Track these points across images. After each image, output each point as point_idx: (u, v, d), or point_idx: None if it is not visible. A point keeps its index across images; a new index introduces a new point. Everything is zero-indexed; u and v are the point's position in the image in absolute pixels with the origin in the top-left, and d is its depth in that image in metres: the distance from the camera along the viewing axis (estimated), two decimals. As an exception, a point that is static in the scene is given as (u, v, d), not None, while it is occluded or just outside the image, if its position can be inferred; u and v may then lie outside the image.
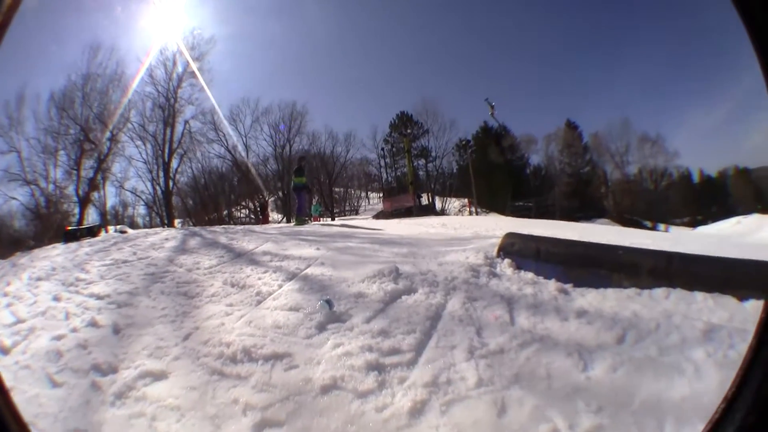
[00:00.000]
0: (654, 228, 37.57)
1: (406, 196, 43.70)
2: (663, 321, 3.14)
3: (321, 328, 3.47)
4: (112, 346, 3.57)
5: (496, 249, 5.01)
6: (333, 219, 39.97)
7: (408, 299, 3.76)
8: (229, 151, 47.86)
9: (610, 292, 3.81)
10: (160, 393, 2.85)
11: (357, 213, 54.26)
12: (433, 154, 54.48)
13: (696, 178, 50.16)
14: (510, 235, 4.79)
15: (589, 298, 3.78)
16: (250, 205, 49.50)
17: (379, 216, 40.10)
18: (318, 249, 6.38)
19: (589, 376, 2.59)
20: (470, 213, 43.87)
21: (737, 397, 1.05)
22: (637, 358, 2.71)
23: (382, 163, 58.86)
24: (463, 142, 54.19)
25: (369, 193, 60.18)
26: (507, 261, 4.64)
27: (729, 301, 3.46)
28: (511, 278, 4.28)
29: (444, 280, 4.13)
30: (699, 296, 3.57)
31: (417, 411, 2.43)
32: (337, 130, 55.33)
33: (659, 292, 3.71)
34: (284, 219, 41.61)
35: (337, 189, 55.90)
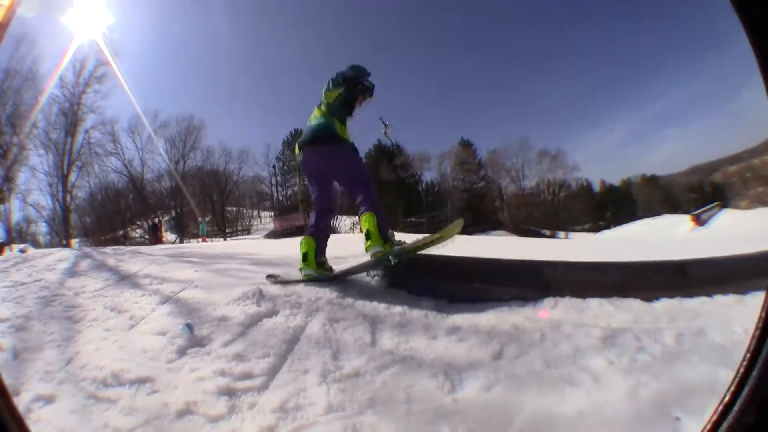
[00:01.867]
0: (553, 236, 39.15)
1: (297, 215, 43.34)
2: (549, 332, 3.03)
3: (181, 352, 3.33)
4: (13, 370, 3.36)
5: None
6: (225, 239, 38.66)
7: (268, 322, 3.64)
8: (125, 166, 46.80)
9: (488, 306, 3.70)
10: (50, 416, 2.70)
11: (249, 233, 53.39)
12: (326, 172, 54.69)
13: (597, 187, 53.25)
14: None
15: (464, 314, 3.64)
16: (144, 224, 47.99)
17: (270, 236, 40.13)
18: (196, 271, 6.34)
19: (457, 398, 2.39)
20: (361, 231, 43.95)
21: (736, 397, 1.01)
22: (517, 373, 2.54)
23: (274, 181, 58.69)
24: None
25: (261, 212, 59.09)
26: (378, 279, 4.55)
27: (633, 303, 3.45)
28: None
29: (308, 301, 4.01)
30: (593, 302, 3.52)
31: (264, 437, 2.27)
32: (232, 146, 54.38)
33: (544, 302, 3.65)
34: (178, 239, 39.98)
35: (229, 208, 54.60)
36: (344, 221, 48.77)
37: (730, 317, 3.05)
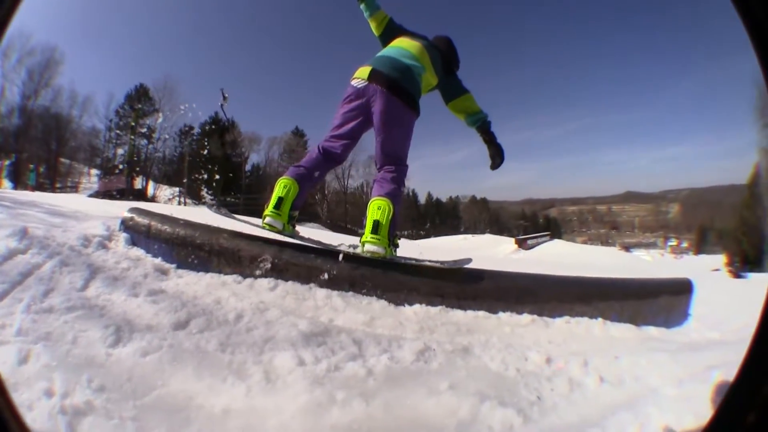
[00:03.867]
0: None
1: (121, 178, 40.63)
2: (252, 314, 2.95)
3: None
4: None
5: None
6: (53, 192, 35.29)
7: (20, 257, 3.46)
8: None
9: (207, 277, 3.67)
10: None
11: (77, 190, 48.62)
12: (157, 135, 51.45)
13: (423, 199, 55.41)
14: (131, 210, 4.49)
15: (184, 280, 3.61)
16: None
17: (94, 196, 36.59)
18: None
19: (112, 352, 2.34)
20: (179, 203, 41.92)
21: (736, 396, 1.04)
22: (185, 348, 2.45)
23: (108, 136, 54.53)
24: (187, 129, 52.37)
25: (91, 169, 54.84)
26: (125, 236, 4.37)
27: (377, 304, 3.53)
28: (117, 252, 4.02)
29: (56, 245, 3.79)
30: (321, 293, 3.53)
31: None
32: (79, 90, 49.30)
33: (264, 282, 3.62)
34: (12, 186, 35.50)
35: (65, 160, 49.67)
36: (165, 191, 46.51)
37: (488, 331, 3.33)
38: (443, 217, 51.14)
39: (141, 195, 40.89)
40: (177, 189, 48.03)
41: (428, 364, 2.69)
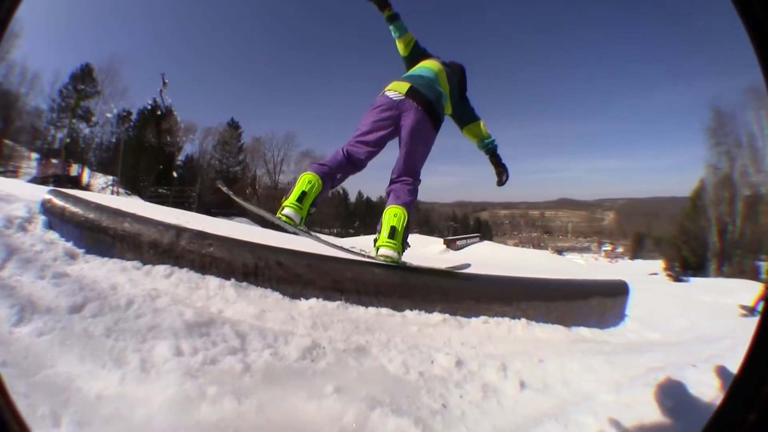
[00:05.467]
0: (297, 234, 39.75)
1: (59, 163, 39.13)
2: (143, 301, 2.76)
3: None
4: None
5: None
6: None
7: None
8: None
9: (111, 262, 3.52)
10: None
11: (17, 175, 46.00)
12: (96, 119, 49.74)
13: (353, 198, 55.65)
14: (50, 192, 4.33)
15: (89, 264, 3.45)
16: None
17: (33, 181, 35.56)
18: None
19: (15, 331, 2.23)
20: (113, 193, 40.66)
21: (736, 395, 1.02)
22: (75, 332, 2.29)
23: (51, 118, 51.48)
24: (125, 114, 50.85)
25: (31, 153, 51.40)
26: (43, 218, 4.19)
27: (272, 295, 3.35)
28: (35, 234, 3.86)
29: None
30: (214, 282, 3.34)
31: None
32: (30, 65, 47.00)
33: (161, 269, 3.44)
34: None
35: (9, 142, 47.47)
36: (99, 180, 45.13)
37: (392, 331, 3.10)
38: (373, 217, 51.58)
39: (76, 183, 39.42)
40: (111, 178, 46.42)
41: (315, 363, 2.44)
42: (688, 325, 6.79)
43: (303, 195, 3.79)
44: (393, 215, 3.89)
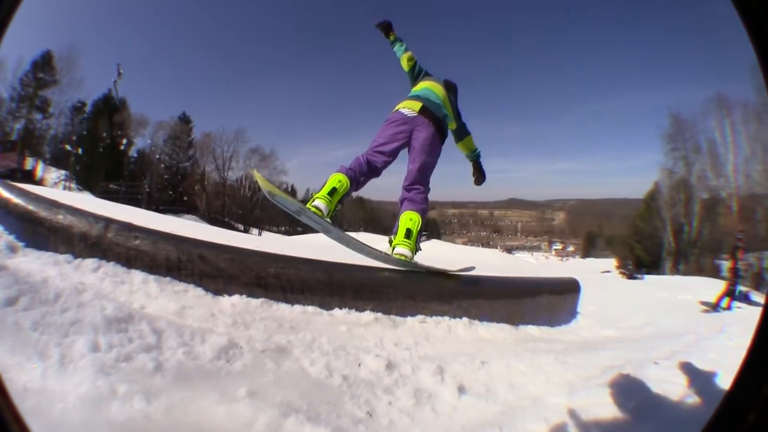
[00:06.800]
0: (246, 231, 39.12)
1: (13, 156, 38.03)
2: (69, 295, 2.66)
3: None
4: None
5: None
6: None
7: None
8: None
9: (46, 256, 3.46)
10: None
11: None
12: (52, 110, 48.21)
13: (302, 195, 55.32)
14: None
15: (27, 258, 3.43)
16: None
17: None
18: None
19: None
20: (65, 188, 39.65)
21: (737, 394, 0.99)
22: (8, 323, 2.27)
23: (10, 107, 49.19)
24: (80, 105, 49.45)
25: None
26: None
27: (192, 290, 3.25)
28: None
29: None
30: (138, 277, 3.26)
31: None
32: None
33: (89, 262, 3.34)
34: None
35: None
36: (52, 174, 43.85)
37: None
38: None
39: (29, 177, 38.35)
40: (64, 173, 45.04)
41: (231, 363, 2.31)
42: (646, 321, 6.81)
43: (333, 191, 4.09)
44: (409, 219, 4.30)
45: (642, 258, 40.78)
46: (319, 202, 3.97)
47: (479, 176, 5.42)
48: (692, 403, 2.35)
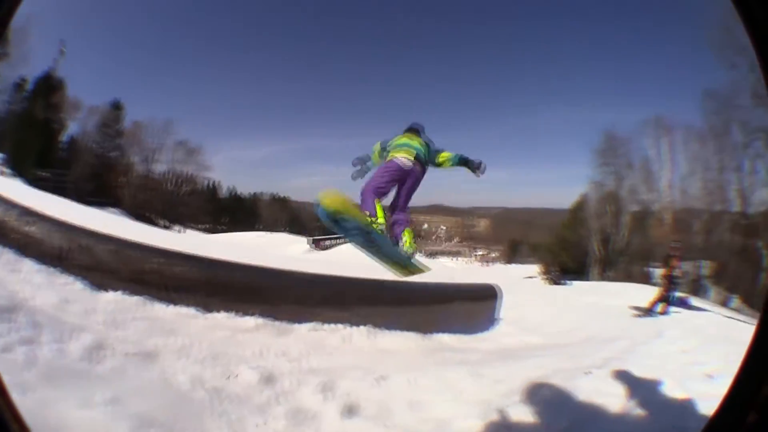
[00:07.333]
0: (169, 228, 38.32)
1: None
2: None
3: None
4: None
5: None
6: None
7: None
8: None
9: None
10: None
11: None
12: None
13: (224, 193, 54.38)
14: None
15: None
16: None
17: None
18: None
19: None
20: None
21: (738, 394, 1.03)
22: None
23: None
24: (21, 81, 47.05)
25: None
26: None
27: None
28: None
29: None
30: (28, 265, 3.25)
31: None
32: None
33: None
34: None
35: None
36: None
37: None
38: (244, 213, 50.63)
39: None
40: (1, 155, 42.73)
41: (99, 365, 2.22)
42: (575, 326, 6.68)
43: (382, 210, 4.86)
44: (409, 234, 4.94)
45: (567, 264, 41.22)
46: (381, 225, 4.64)
47: (476, 166, 5.48)
48: (635, 417, 2.22)
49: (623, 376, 2.70)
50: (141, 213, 40.86)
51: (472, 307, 4.59)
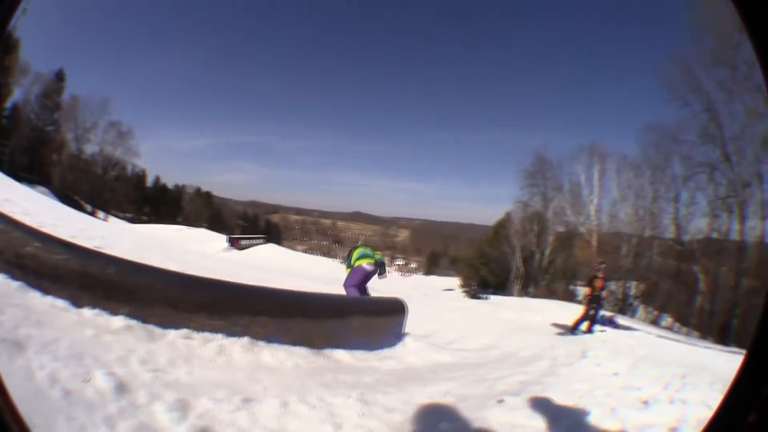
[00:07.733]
0: (94, 213, 36.65)
1: None
2: None
3: None
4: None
5: None
6: None
7: None
8: None
9: None
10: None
11: None
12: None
13: (152, 182, 52.90)
14: None
15: None
16: None
17: None
18: None
19: None
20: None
21: (738, 394, 1.05)
22: None
23: None
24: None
25: None
26: None
27: None
28: None
29: None
30: None
31: None
32: None
33: None
34: None
35: None
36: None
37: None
38: (168, 205, 49.44)
39: None
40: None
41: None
42: (490, 344, 6.48)
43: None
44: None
45: (488, 279, 42.03)
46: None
47: (381, 272, 9.01)
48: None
49: (542, 405, 2.47)
50: (68, 195, 39.07)
51: (374, 322, 4.37)
